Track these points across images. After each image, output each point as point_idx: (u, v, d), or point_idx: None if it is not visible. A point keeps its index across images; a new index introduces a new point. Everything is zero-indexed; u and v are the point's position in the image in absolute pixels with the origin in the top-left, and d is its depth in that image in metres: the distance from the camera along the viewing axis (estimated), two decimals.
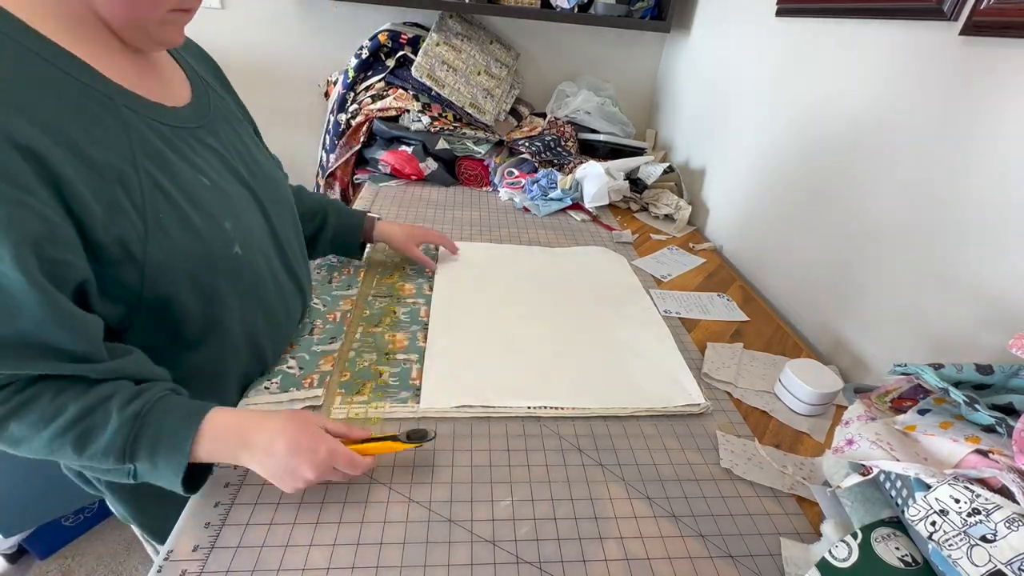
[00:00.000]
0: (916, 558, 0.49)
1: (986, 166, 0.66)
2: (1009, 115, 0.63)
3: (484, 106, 1.44)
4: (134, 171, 0.50)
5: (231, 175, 0.63)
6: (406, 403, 0.69)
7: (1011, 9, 0.61)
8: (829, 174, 0.93)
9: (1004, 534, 0.40)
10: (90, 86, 0.49)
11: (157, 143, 0.53)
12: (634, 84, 1.76)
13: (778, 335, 0.95)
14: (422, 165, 1.42)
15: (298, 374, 0.71)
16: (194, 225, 0.54)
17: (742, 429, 0.72)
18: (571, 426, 0.70)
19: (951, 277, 0.70)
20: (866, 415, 0.58)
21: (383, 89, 1.45)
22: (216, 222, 0.57)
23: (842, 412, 0.61)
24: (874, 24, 0.84)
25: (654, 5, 1.53)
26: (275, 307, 0.69)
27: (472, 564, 0.52)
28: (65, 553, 1.38)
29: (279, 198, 0.72)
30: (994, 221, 0.65)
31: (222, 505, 0.55)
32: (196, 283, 0.55)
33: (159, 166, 0.53)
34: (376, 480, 0.59)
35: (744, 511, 0.61)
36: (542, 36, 1.66)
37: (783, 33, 1.08)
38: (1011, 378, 0.54)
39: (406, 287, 0.95)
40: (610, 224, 1.32)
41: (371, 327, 0.83)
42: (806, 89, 1.00)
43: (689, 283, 1.09)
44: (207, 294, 0.57)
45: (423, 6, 1.46)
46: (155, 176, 0.52)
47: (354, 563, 0.51)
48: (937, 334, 0.72)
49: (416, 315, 0.88)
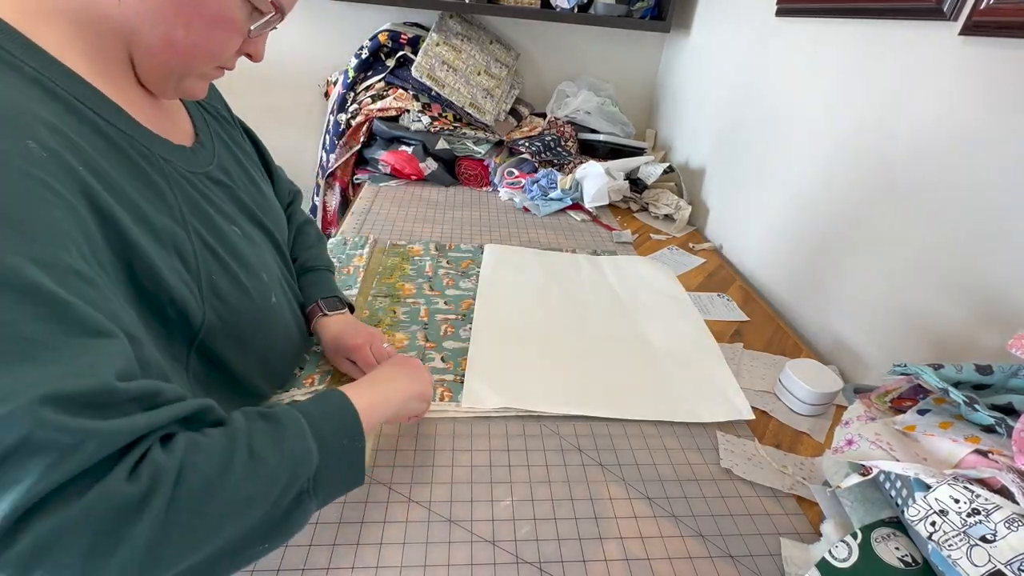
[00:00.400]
0: (916, 558, 0.49)
1: (985, 166, 0.66)
2: (1009, 115, 0.63)
3: (484, 106, 1.44)
4: (185, 232, 0.45)
5: (249, 219, 0.58)
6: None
7: (1011, 9, 0.61)
8: (828, 173, 0.93)
9: (1004, 534, 0.40)
10: (129, 135, 0.43)
11: (196, 197, 0.48)
12: (634, 84, 1.76)
13: (778, 335, 0.95)
14: (422, 165, 1.42)
15: (298, 374, 0.71)
16: (240, 281, 0.50)
17: (742, 429, 0.72)
18: (571, 426, 0.70)
19: (951, 277, 0.70)
20: (866, 415, 0.58)
21: (383, 89, 1.45)
22: (257, 276, 0.53)
23: (842, 412, 0.61)
24: (874, 24, 0.84)
25: (654, 5, 1.53)
26: (293, 341, 0.66)
27: (472, 564, 0.52)
28: None
29: (283, 230, 0.67)
30: (994, 221, 0.65)
31: None
32: (241, 341, 0.52)
33: (203, 222, 0.48)
34: (376, 480, 0.59)
35: (744, 511, 0.61)
36: (542, 36, 1.66)
37: (783, 33, 1.08)
38: (1011, 378, 0.54)
39: (406, 287, 0.95)
40: (610, 224, 1.32)
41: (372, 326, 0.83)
42: (805, 89, 1.00)
43: (689, 283, 1.09)
44: (249, 349, 0.54)
45: (423, 6, 1.46)
46: (202, 234, 0.47)
47: (354, 563, 0.51)
48: (937, 334, 0.72)
49: (416, 315, 0.87)
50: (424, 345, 0.80)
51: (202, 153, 0.54)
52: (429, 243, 1.11)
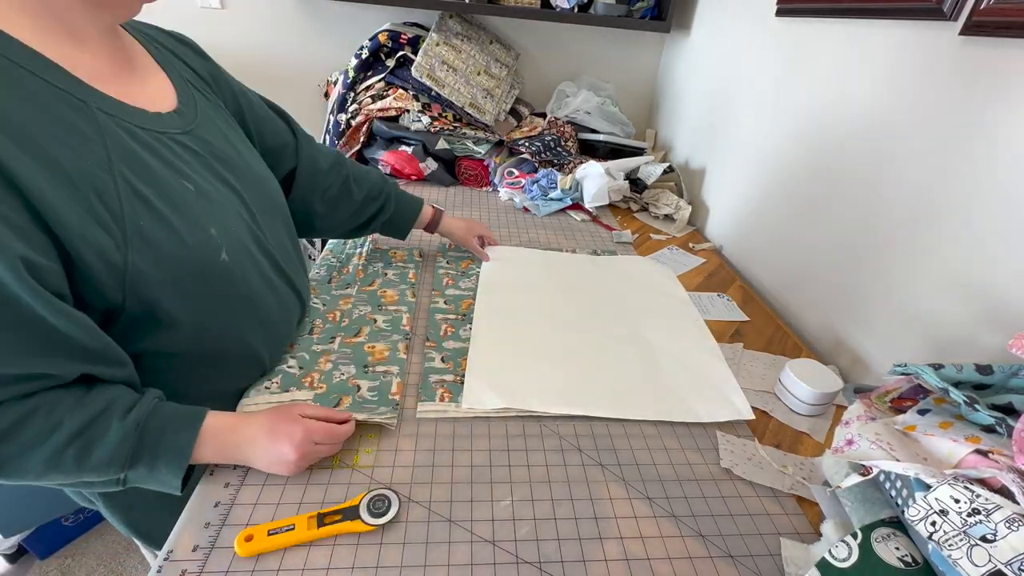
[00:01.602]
0: (916, 558, 0.49)
1: (986, 166, 0.66)
2: (1009, 115, 0.63)
3: (484, 106, 1.44)
4: (110, 177, 0.48)
5: (218, 180, 0.61)
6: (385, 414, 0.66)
7: (1011, 9, 0.61)
8: (829, 173, 0.93)
9: (1004, 534, 0.40)
10: (63, 90, 0.47)
11: (135, 148, 0.52)
12: (634, 84, 1.76)
13: (778, 335, 0.95)
14: (422, 165, 1.42)
15: (298, 373, 0.71)
16: (177, 232, 0.53)
17: (742, 429, 0.72)
18: (571, 426, 0.70)
19: (951, 277, 0.70)
20: (866, 415, 0.58)
21: (383, 89, 1.45)
22: (201, 228, 0.55)
23: (842, 412, 0.61)
24: (874, 24, 0.84)
25: (654, 5, 1.53)
26: (271, 313, 0.68)
27: (472, 564, 0.52)
28: (65, 553, 1.38)
29: (268, 201, 0.70)
30: (994, 221, 0.65)
31: (222, 505, 0.55)
32: (182, 292, 0.54)
33: (138, 172, 0.51)
34: (376, 480, 0.59)
35: (744, 511, 0.61)
36: (542, 36, 1.66)
37: (783, 33, 1.08)
38: (1011, 378, 0.54)
39: (388, 294, 0.91)
40: (610, 224, 1.32)
41: (350, 337, 0.79)
42: (806, 89, 1.00)
43: (689, 283, 1.09)
44: (194, 302, 0.56)
45: (423, 6, 1.46)
46: (133, 182, 0.50)
47: (354, 563, 0.51)
48: (937, 334, 0.72)
49: (398, 324, 0.83)
50: (404, 357, 0.77)
51: (175, 118, 0.59)
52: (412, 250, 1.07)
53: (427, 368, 0.76)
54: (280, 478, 0.58)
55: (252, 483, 0.58)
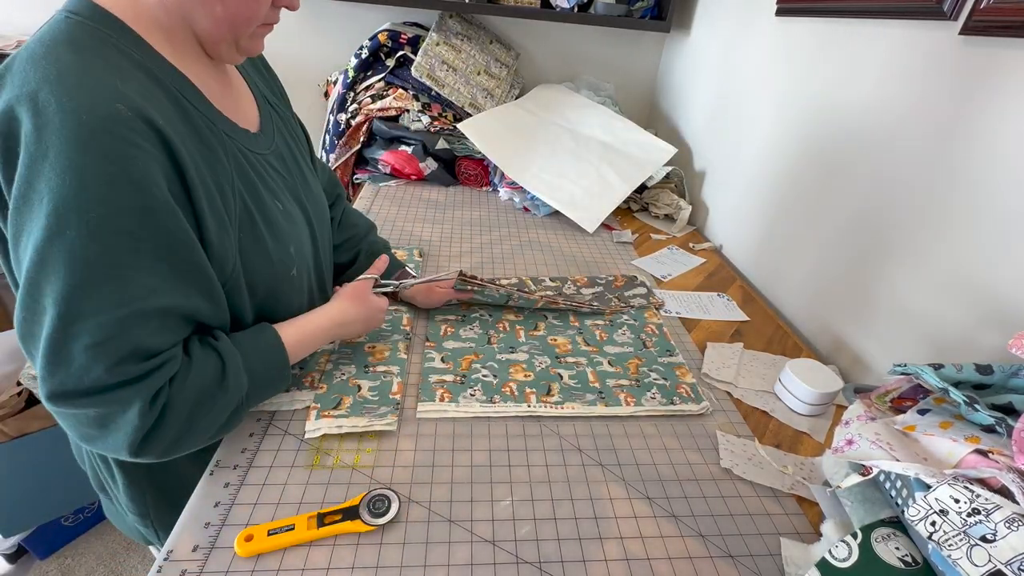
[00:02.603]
0: (916, 558, 0.49)
1: (986, 166, 0.66)
2: (1009, 115, 0.63)
3: (484, 106, 1.44)
4: (232, 193, 0.54)
5: (294, 199, 0.66)
6: (385, 418, 0.66)
7: (1011, 9, 0.61)
8: (830, 174, 0.93)
9: (1004, 534, 0.40)
10: (199, 110, 0.52)
11: (247, 169, 0.57)
12: (634, 84, 1.76)
13: (778, 335, 0.95)
14: (422, 165, 1.42)
15: (298, 373, 0.71)
16: (267, 249, 0.58)
17: (742, 429, 0.72)
18: (571, 426, 0.70)
19: (951, 277, 0.70)
20: (866, 415, 0.58)
21: (383, 89, 1.45)
22: (284, 248, 0.61)
23: (842, 412, 0.61)
24: (874, 24, 0.84)
25: (654, 5, 1.53)
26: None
27: (472, 564, 0.52)
28: (65, 553, 1.38)
29: (324, 218, 0.75)
30: (994, 221, 0.65)
31: (222, 505, 0.55)
32: (254, 297, 0.59)
33: (250, 192, 0.57)
34: (376, 480, 0.59)
35: (744, 511, 0.61)
36: (542, 36, 1.66)
37: (783, 33, 1.08)
38: (1011, 378, 0.54)
39: None
40: (610, 224, 1.32)
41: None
42: (806, 89, 1.00)
43: (689, 283, 1.09)
44: (259, 308, 0.61)
45: (423, 6, 1.46)
46: (246, 201, 0.56)
47: (354, 563, 0.51)
48: (937, 334, 0.72)
49: (398, 324, 0.84)
50: (405, 357, 0.77)
51: (262, 139, 0.63)
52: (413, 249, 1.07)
53: (427, 368, 0.76)
54: (279, 478, 0.58)
55: (252, 483, 0.58)
